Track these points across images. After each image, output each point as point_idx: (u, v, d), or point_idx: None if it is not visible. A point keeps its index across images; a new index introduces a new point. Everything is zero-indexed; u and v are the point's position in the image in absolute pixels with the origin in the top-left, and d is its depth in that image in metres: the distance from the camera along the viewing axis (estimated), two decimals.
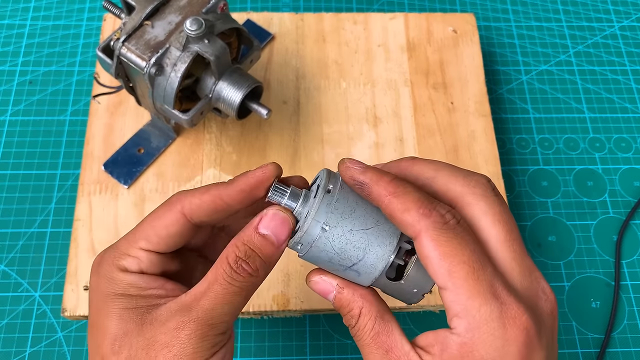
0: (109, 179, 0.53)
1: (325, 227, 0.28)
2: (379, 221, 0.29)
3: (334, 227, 0.28)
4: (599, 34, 0.70)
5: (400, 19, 0.63)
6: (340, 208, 0.28)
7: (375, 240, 0.28)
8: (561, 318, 0.53)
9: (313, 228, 0.28)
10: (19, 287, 0.53)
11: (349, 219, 0.28)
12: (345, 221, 0.28)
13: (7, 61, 0.64)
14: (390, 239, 0.29)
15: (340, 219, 0.28)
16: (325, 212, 0.28)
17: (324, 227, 0.28)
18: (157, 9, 0.46)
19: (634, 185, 0.60)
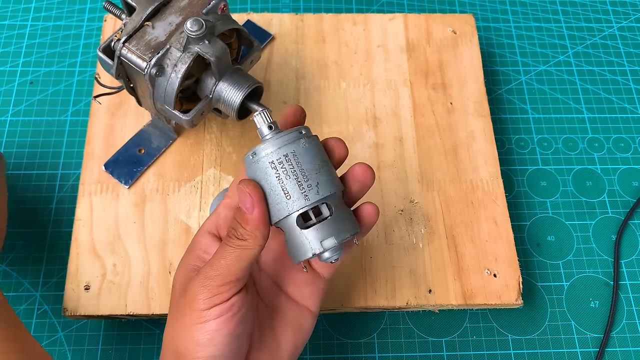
0: (110, 179, 0.54)
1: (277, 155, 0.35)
2: (320, 171, 0.35)
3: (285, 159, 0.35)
4: (597, 34, 0.70)
5: (400, 19, 0.63)
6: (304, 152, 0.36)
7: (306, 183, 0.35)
8: (560, 318, 0.54)
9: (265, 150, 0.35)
10: (20, 286, 0.53)
11: (302, 157, 0.35)
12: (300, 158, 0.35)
13: (8, 62, 0.64)
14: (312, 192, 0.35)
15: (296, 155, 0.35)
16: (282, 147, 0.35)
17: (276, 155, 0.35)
18: (157, 9, 0.47)
19: (633, 185, 0.61)
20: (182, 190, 0.54)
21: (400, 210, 0.53)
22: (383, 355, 0.52)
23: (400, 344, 0.52)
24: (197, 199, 0.53)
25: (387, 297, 0.50)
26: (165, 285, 0.49)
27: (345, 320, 0.53)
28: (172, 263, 0.50)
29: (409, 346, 0.52)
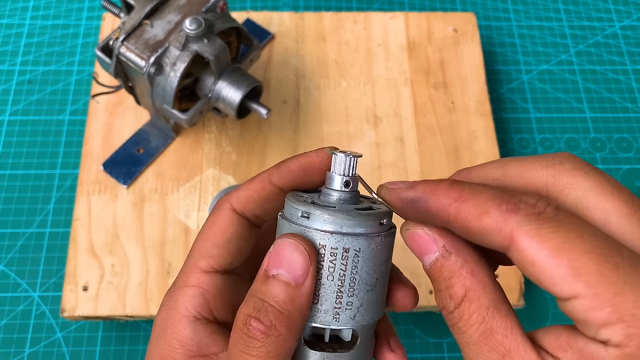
0: (108, 178, 0.53)
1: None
2: (373, 289, 0.24)
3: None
4: (599, 33, 0.70)
5: (401, 18, 0.63)
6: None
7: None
8: (562, 319, 0.53)
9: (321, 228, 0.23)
10: (17, 287, 0.53)
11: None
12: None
13: (6, 61, 0.64)
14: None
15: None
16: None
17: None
18: (156, 8, 0.46)
19: (636, 185, 0.60)
20: (181, 190, 0.53)
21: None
22: None
23: (410, 344, 0.52)
24: (196, 199, 0.53)
25: None
26: (164, 286, 0.49)
27: None
28: (170, 264, 0.50)
29: (410, 347, 0.52)
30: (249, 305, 0.22)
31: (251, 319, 0.21)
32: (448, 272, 0.21)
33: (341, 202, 0.24)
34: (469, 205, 0.20)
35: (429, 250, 0.22)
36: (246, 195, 0.26)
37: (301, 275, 0.22)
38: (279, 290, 0.21)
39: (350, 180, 0.24)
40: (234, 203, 0.26)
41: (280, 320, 0.21)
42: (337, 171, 0.24)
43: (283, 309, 0.21)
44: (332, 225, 0.22)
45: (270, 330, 0.21)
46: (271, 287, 0.22)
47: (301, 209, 0.23)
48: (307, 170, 0.25)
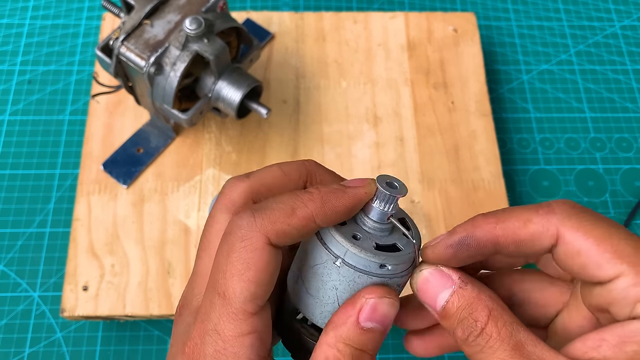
0: (108, 178, 0.53)
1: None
2: None
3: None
4: (599, 33, 0.70)
5: (401, 18, 0.63)
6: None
7: None
8: None
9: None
10: (17, 287, 0.53)
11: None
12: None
13: (6, 60, 0.64)
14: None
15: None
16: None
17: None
18: (156, 8, 0.46)
19: (635, 185, 0.60)
20: (181, 190, 0.53)
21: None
22: (384, 356, 0.51)
23: (401, 344, 0.52)
24: (196, 199, 0.53)
25: None
26: (163, 286, 0.49)
27: None
28: (170, 264, 0.50)
29: None
30: (346, 353, 0.23)
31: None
32: (467, 299, 0.23)
33: (382, 232, 0.26)
34: (511, 221, 0.23)
35: (445, 285, 0.24)
36: (285, 232, 0.23)
37: (390, 323, 0.24)
38: (373, 340, 0.23)
39: (391, 215, 0.25)
40: (272, 238, 0.23)
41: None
42: (381, 206, 0.25)
43: (374, 353, 0.24)
44: (406, 265, 0.25)
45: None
46: (368, 339, 0.23)
47: (377, 261, 0.24)
48: (353, 212, 0.25)
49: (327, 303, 0.25)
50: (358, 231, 0.25)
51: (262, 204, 0.24)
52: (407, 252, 0.25)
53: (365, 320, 0.23)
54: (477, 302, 0.23)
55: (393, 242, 0.25)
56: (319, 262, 0.25)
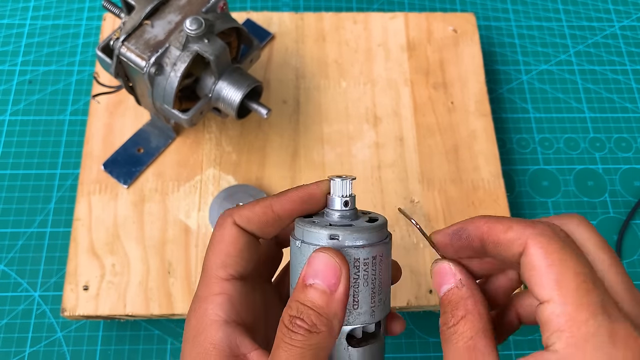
0: (109, 178, 0.53)
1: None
2: (391, 283, 0.29)
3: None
4: (599, 33, 0.70)
5: (400, 18, 0.63)
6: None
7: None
8: None
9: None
10: (18, 286, 0.53)
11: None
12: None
13: (7, 61, 0.64)
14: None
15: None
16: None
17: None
18: (156, 8, 0.46)
19: (635, 185, 0.60)
20: (182, 190, 0.53)
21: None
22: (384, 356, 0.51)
23: (401, 344, 0.52)
24: (196, 199, 0.53)
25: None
26: (163, 286, 0.49)
27: None
28: (171, 263, 0.50)
29: (409, 347, 0.52)
30: (293, 308, 0.26)
31: (296, 319, 0.25)
32: (456, 298, 0.26)
33: (345, 219, 0.28)
34: (498, 224, 0.26)
35: (447, 281, 0.27)
36: (248, 216, 0.29)
37: (334, 283, 0.26)
38: (316, 296, 0.26)
39: (349, 200, 0.28)
40: (236, 219, 0.29)
41: (319, 321, 0.25)
42: (337, 194, 0.28)
43: (321, 312, 0.25)
44: (362, 240, 0.27)
45: (312, 328, 0.25)
46: (310, 294, 0.26)
47: (327, 232, 0.27)
48: (307, 201, 0.29)
49: None
50: (320, 220, 0.28)
51: None
52: (360, 226, 0.27)
53: (308, 277, 0.26)
54: (462, 302, 0.26)
55: (349, 223, 0.28)
56: (291, 254, 0.28)
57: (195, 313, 0.28)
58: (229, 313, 0.28)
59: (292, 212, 0.29)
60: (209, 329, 0.27)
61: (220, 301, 0.28)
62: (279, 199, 0.29)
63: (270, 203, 0.29)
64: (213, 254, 0.29)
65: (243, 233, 0.29)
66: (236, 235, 0.29)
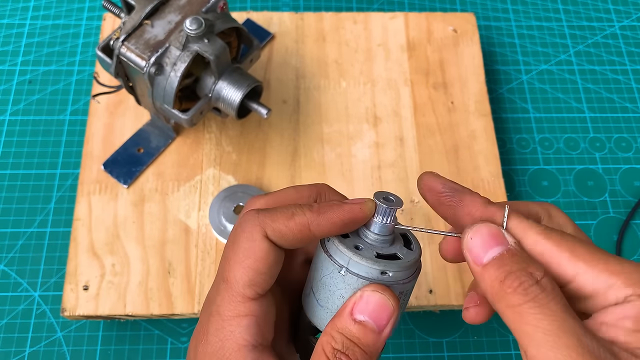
0: (109, 178, 0.53)
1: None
2: None
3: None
4: (599, 33, 0.70)
5: (400, 18, 0.63)
6: None
7: None
8: None
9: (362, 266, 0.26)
10: (18, 286, 0.53)
11: None
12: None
13: (7, 60, 0.64)
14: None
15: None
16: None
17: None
18: (156, 8, 0.46)
19: (635, 185, 0.60)
20: (182, 190, 0.53)
21: (401, 210, 0.53)
22: (383, 356, 0.51)
23: (401, 344, 0.52)
24: (196, 199, 0.53)
25: None
26: (163, 286, 0.49)
27: None
28: (171, 263, 0.50)
29: (409, 347, 0.52)
30: (338, 341, 0.25)
31: (341, 354, 0.25)
32: (522, 257, 0.24)
33: (386, 243, 0.27)
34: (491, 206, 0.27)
35: (498, 243, 0.25)
36: (282, 231, 0.26)
37: (385, 324, 0.25)
38: (365, 334, 0.25)
39: (393, 226, 0.27)
40: (269, 233, 0.26)
41: (364, 358, 0.25)
42: (382, 220, 0.27)
43: (367, 351, 0.25)
44: (408, 275, 0.27)
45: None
46: (358, 331, 0.25)
47: (379, 267, 0.26)
48: (348, 225, 0.26)
49: (335, 311, 0.26)
50: (360, 243, 0.27)
51: (269, 208, 0.27)
52: (407, 260, 0.27)
53: (358, 312, 0.25)
54: (532, 260, 0.24)
55: (394, 252, 0.27)
56: (326, 273, 0.27)
57: (219, 334, 0.26)
58: (256, 337, 0.26)
59: (330, 233, 0.27)
60: (236, 355, 0.26)
61: (248, 324, 0.26)
62: (317, 219, 0.26)
63: (308, 223, 0.26)
64: (241, 268, 0.26)
65: (274, 248, 0.26)
66: (267, 250, 0.26)
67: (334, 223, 0.26)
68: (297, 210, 0.26)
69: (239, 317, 0.26)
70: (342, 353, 0.24)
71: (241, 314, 0.26)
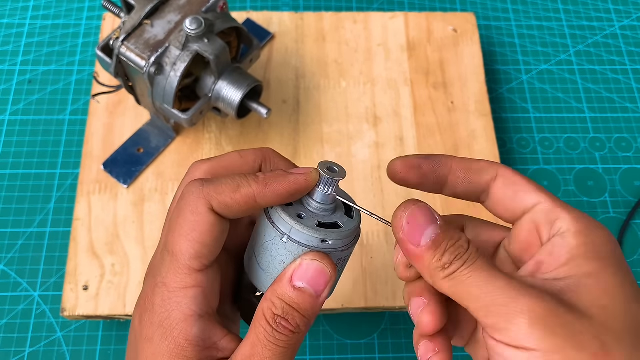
0: (109, 178, 0.53)
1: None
2: None
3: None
4: (599, 33, 0.70)
5: (401, 18, 0.63)
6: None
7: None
8: None
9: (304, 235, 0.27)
10: (18, 286, 0.53)
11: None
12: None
13: (7, 60, 0.64)
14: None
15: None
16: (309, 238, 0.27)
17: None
18: (156, 8, 0.46)
19: (635, 184, 0.60)
20: None
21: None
22: (383, 356, 0.51)
23: (401, 344, 0.52)
24: None
25: (388, 298, 0.49)
26: None
27: (345, 320, 0.53)
28: None
29: (410, 347, 0.52)
30: (278, 307, 0.26)
31: (281, 319, 0.26)
32: (453, 233, 0.26)
33: (327, 212, 0.28)
34: (466, 159, 0.29)
35: (432, 221, 0.26)
36: (227, 204, 0.26)
37: (323, 289, 0.26)
38: (304, 300, 0.26)
39: (335, 195, 0.28)
40: (215, 206, 0.26)
41: (303, 322, 0.26)
42: (325, 189, 0.28)
43: (306, 315, 0.26)
44: (347, 243, 0.28)
45: (296, 329, 0.26)
46: (297, 296, 0.26)
47: (319, 236, 0.27)
48: (293, 195, 0.27)
49: (276, 276, 0.27)
50: (303, 211, 0.28)
51: (213, 178, 0.27)
52: (347, 229, 0.28)
53: (297, 279, 0.26)
54: (458, 233, 0.26)
55: (335, 220, 0.28)
56: (268, 240, 0.27)
57: (166, 305, 0.26)
58: (202, 306, 0.27)
59: (275, 203, 0.27)
60: (182, 325, 0.26)
61: (194, 294, 0.26)
62: (263, 191, 0.26)
63: (254, 195, 0.26)
64: (187, 241, 0.26)
65: (220, 220, 0.26)
66: (213, 223, 0.26)
67: (279, 194, 0.26)
68: (242, 182, 0.26)
69: (186, 289, 0.26)
70: (282, 318, 0.25)
71: (188, 286, 0.26)
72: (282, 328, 0.25)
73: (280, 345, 0.25)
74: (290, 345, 0.26)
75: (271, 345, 0.25)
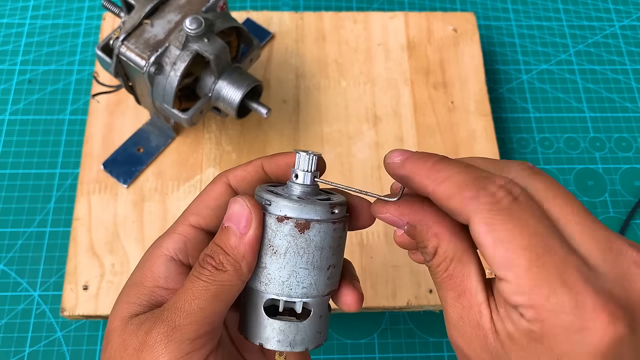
0: (108, 178, 0.53)
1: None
2: (325, 269, 0.28)
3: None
4: (599, 33, 0.70)
5: (401, 18, 0.63)
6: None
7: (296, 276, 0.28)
8: None
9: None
10: (18, 286, 0.53)
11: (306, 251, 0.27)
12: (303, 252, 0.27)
13: (7, 60, 0.64)
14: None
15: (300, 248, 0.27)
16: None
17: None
18: (156, 7, 0.46)
19: (635, 184, 0.60)
20: (181, 190, 0.53)
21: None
22: (383, 355, 0.51)
23: (401, 344, 0.52)
24: None
25: (388, 297, 0.49)
26: None
27: (345, 320, 0.53)
28: None
29: (409, 347, 0.52)
30: (208, 248, 0.27)
31: (207, 256, 0.27)
32: (419, 237, 0.27)
33: (304, 194, 0.28)
34: (441, 189, 0.25)
35: (399, 224, 0.28)
36: (241, 175, 0.31)
37: (244, 227, 0.27)
38: (227, 238, 0.27)
39: (310, 175, 0.29)
40: (230, 179, 0.31)
41: (226, 260, 0.27)
42: (300, 168, 0.29)
43: (229, 252, 0.27)
44: (289, 210, 0.27)
45: (219, 266, 0.27)
46: (223, 235, 0.27)
47: (266, 196, 0.28)
48: (289, 165, 0.30)
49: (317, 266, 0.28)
50: (283, 193, 0.29)
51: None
52: (294, 198, 0.28)
53: (225, 221, 0.28)
54: (425, 240, 0.27)
55: (307, 197, 0.29)
56: (282, 240, 0.28)
57: (153, 245, 0.30)
58: (178, 252, 0.29)
59: (278, 175, 0.31)
60: (154, 259, 0.29)
61: (176, 239, 0.29)
62: (269, 161, 0.31)
63: (261, 163, 0.31)
64: (195, 201, 0.31)
65: (230, 192, 0.30)
66: (222, 192, 0.30)
67: (279, 165, 0.30)
68: (252, 160, 0.31)
69: (172, 233, 0.30)
70: (208, 256, 0.27)
71: (175, 231, 0.30)
72: (206, 264, 0.27)
73: (202, 279, 0.26)
74: (213, 281, 0.26)
75: (194, 279, 0.27)
